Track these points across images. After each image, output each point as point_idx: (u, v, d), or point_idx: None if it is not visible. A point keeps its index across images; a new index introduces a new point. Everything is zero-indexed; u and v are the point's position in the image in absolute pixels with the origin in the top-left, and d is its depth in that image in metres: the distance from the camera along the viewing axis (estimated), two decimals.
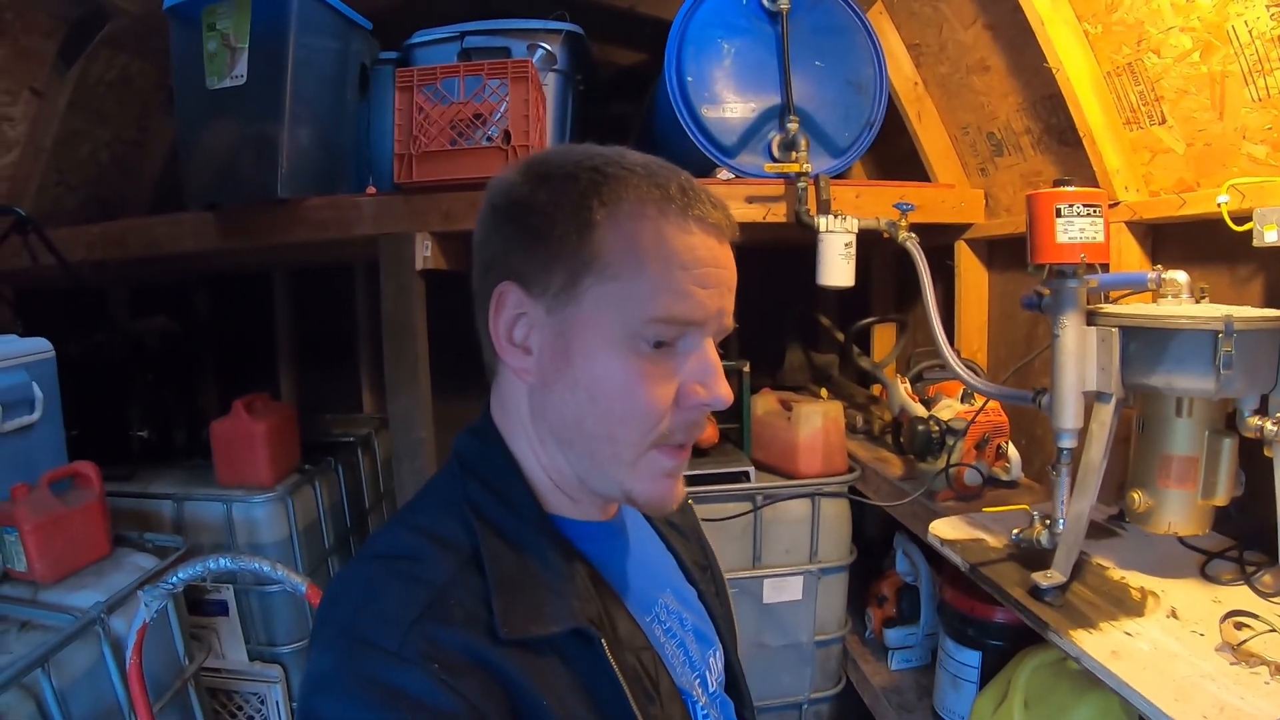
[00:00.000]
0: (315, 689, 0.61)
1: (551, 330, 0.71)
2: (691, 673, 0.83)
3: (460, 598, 0.65)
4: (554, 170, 0.73)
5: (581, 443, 0.73)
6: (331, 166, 2.16)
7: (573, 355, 0.70)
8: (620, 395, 0.70)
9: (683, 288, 0.69)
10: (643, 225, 0.69)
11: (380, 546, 0.74)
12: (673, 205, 0.70)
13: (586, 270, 0.69)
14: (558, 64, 2.32)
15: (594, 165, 0.72)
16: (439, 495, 0.78)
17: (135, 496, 2.15)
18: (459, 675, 0.60)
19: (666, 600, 0.85)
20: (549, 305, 0.71)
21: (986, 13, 1.93)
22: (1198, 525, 1.44)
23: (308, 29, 1.97)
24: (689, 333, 0.71)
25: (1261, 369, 1.32)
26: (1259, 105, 1.43)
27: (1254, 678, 1.13)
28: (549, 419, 0.74)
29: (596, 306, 0.69)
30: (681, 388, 0.72)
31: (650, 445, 0.72)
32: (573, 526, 0.78)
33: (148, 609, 1.51)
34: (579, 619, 0.68)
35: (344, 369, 3.24)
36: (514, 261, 0.72)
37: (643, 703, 0.69)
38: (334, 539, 2.46)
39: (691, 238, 0.70)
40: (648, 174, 0.71)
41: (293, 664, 2.21)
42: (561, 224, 0.70)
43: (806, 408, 2.24)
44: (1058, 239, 1.39)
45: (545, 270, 0.70)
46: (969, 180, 2.32)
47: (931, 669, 2.16)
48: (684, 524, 1.00)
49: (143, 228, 2.14)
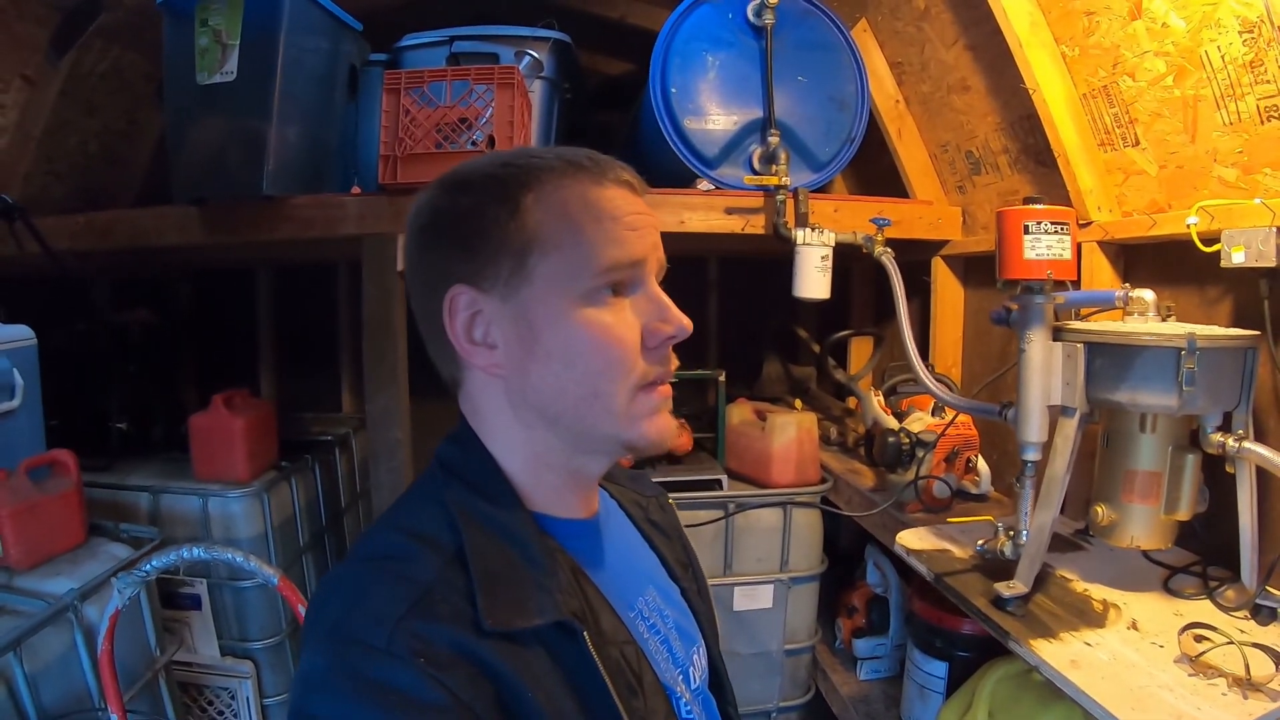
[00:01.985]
0: (306, 688, 0.63)
1: (511, 316, 0.74)
2: (675, 669, 0.84)
3: (445, 594, 0.66)
4: (470, 177, 0.78)
5: (569, 412, 0.75)
6: (317, 166, 2.18)
7: (539, 331, 0.73)
8: (595, 350, 0.73)
9: (618, 234, 0.74)
10: (568, 196, 0.74)
11: (367, 548, 0.75)
12: (587, 173, 0.76)
13: (529, 250, 0.73)
14: (544, 71, 2.35)
15: (506, 161, 0.77)
16: (422, 497, 0.79)
17: (112, 488, 2.15)
18: (445, 669, 0.61)
19: (649, 597, 0.86)
20: (502, 294, 0.74)
21: (968, 34, 1.97)
22: (1160, 540, 1.47)
23: (299, 28, 1.99)
24: (634, 277, 0.76)
25: (1225, 387, 1.35)
26: (1230, 129, 1.47)
27: (1211, 689, 1.16)
28: (531, 401, 0.76)
29: (548, 279, 0.73)
30: (645, 328, 0.76)
31: (634, 389, 0.75)
32: (555, 524, 0.79)
33: (120, 595, 1.52)
34: (562, 612, 0.68)
35: (325, 369, 3.24)
36: (456, 268, 0.75)
37: (625, 696, 0.70)
38: (309, 536, 2.47)
39: (611, 193, 0.76)
40: (557, 156, 0.77)
41: (264, 660, 2.21)
42: (494, 218, 0.74)
43: (781, 418, 2.27)
44: (1025, 255, 1.43)
45: (490, 264, 0.74)
46: (947, 198, 2.36)
47: (900, 680, 2.19)
48: (665, 523, 1.01)
49: (128, 219, 2.15)
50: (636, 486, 1.02)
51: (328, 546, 2.60)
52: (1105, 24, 1.63)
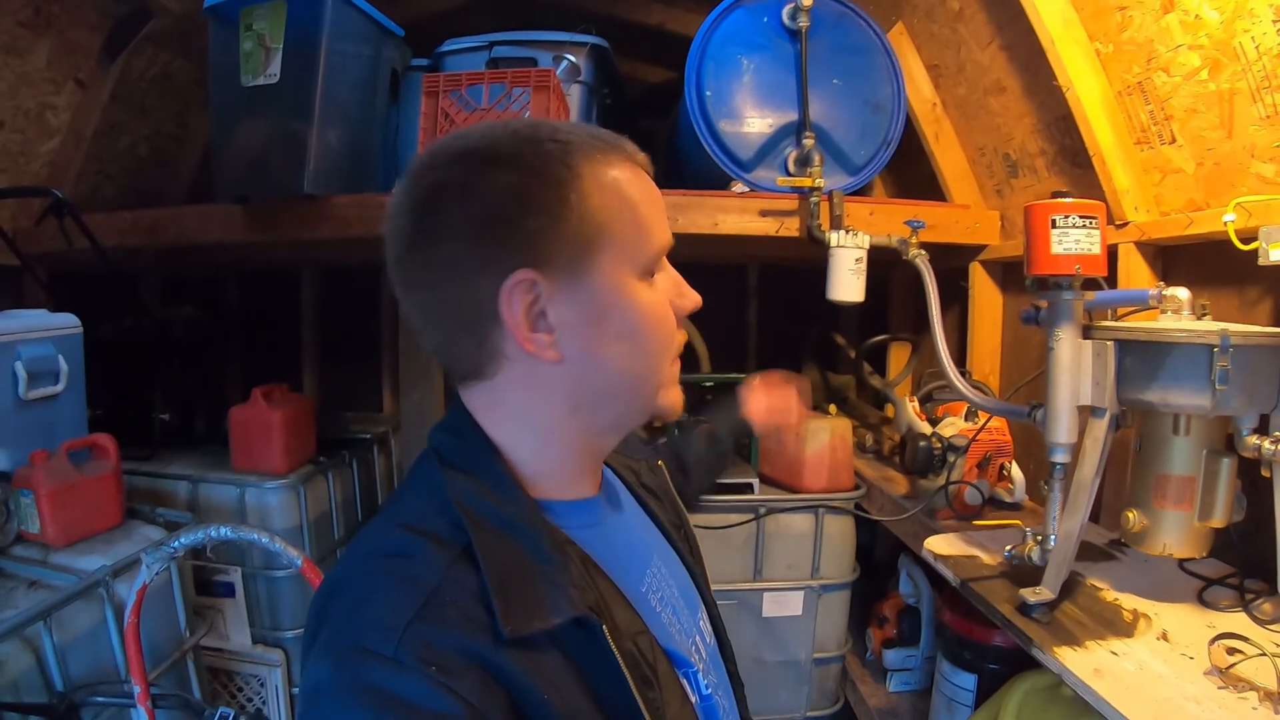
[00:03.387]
0: (314, 699, 0.61)
1: (578, 300, 0.71)
2: (687, 639, 0.83)
3: (453, 595, 0.63)
4: (501, 152, 0.72)
5: (626, 388, 0.76)
6: (359, 167, 2.23)
7: (607, 312, 0.73)
8: (656, 325, 0.76)
9: (659, 216, 0.77)
10: (617, 176, 0.74)
11: (368, 546, 0.73)
12: (619, 152, 0.76)
13: (598, 232, 0.71)
14: (582, 75, 2.37)
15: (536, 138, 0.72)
16: (422, 491, 0.76)
17: (153, 475, 2.23)
18: (457, 676, 0.59)
19: (656, 568, 0.85)
20: (567, 278, 0.71)
21: (1002, 34, 1.95)
22: (1194, 548, 1.41)
23: (341, 33, 2.05)
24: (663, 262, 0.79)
25: (1261, 387, 1.30)
26: (1266, 122, 1.43)
27: (1241, 702, 1.11)
28: (592, 383, 0.74)
29: (614, 260, 0.73)
30: (674, 303, 0.79)
31: (674, 359, 0.79)
32: (564, 509, 0.77)
33: (148, 570, 1.56)
34: (579, 607, 0.66)
35: (367, 369, 3.30)
36: (508, 252, 0.70)
37: (642, 688, 0.68)
38: (344, 531, 2.51)
39: (646, 180, 0.78)
40: (588, 133, 0.76)
41: (295, 649, 2.25)
42: (556, 198, 0.70)
43: (815, 423, 2.24)
44: (1052, 250, 1.40)
45: (550, 247, 0.70)
46: (985, 202, 2.32)
47: (929, 693, 2.13)
48: (657, 485, 1.00)
49: (173, 217, 2.23)
50: (626, 450, 0.98)
51: None
52: (1138, 18, 1.60)
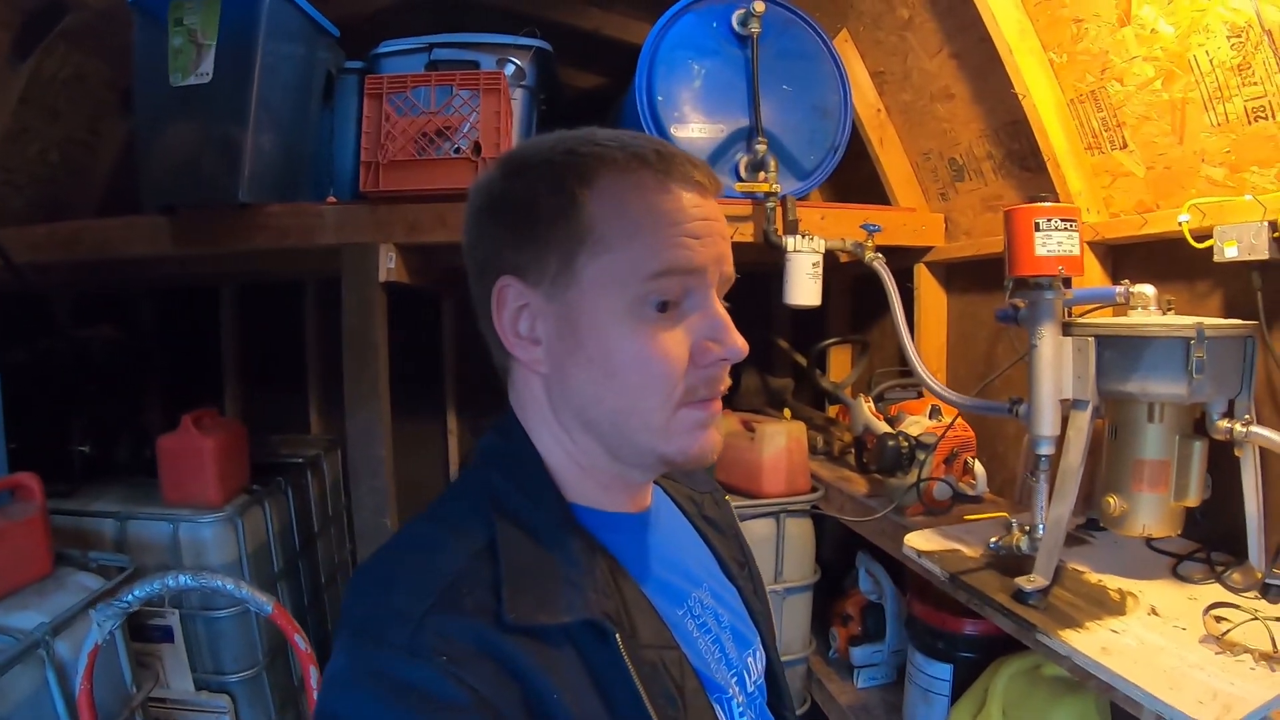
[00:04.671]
0: (330, 687, 0.62)
1: (556, 315, 0.71)
2: (728, 670, 0.80)
3: (471, 586, 0.64)
4: (528, 160, 0.74)
5: (606, 420, 0.72)
6: (293, 173, 2.12)
7: (582, 335, 0.70)
8: (635, 365, 0.69)
9: (675, 241, 0.70)
10: (626, 194, 0.70)
11: (400, 539, 0.73)
12: (651, 170, 0.71)
13: (579, 248, 0.69)
14: (526, 80, 2.32)
15: (568, 148, 0.72)
16: (463, 489, 0.77)
17: (76, 514, 2.03)
18: (467, 666, 0.59)
19: (701, 596, 0.83)
20: (548, 291, 0.71)
21: (952, 42, 2.01)
22: (1170, 527, 1.50)
23: (277, 31, 1.93)
24: (692, 289, 0.71)
25: (1229, 374, 1.40)
26: (1218, 130, 1.52)
27: (1239, 664, 1.17)
28: (569, 403, 0.73)
29: (596, 281, 0.69)
30: (695, 345, 0.71)
31: (676, 406, 0.71)
32: (597, 517, 0.76)
33: (100, 629, 1.41)
34: (593, 611, 0.66)
35: (290, 389, 3.14)
36: (506, 256, 0.73)
37: (661, 704, 0.67)
38: (283, 563, 2.36)
39: (674, 196, 0.71)
40: (620, 145, 0.72)
41: (241, 693, 2.09)
42: (546, 209, 0.70)
43: (770, 428, 2.26)
44: (1036, 252, 1.45)
45: (538, 257, 0.71)
46: (929, 205, 2.40)
47: (897, 686, 2.18)
48: (721, 519, 0.98)
49: (94, 229, 2.04)
50: (690, 482, 0.99)
51: (301, 573, 2.49)
52: (1094, 31, 1.67)
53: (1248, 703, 1.07)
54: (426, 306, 3.13)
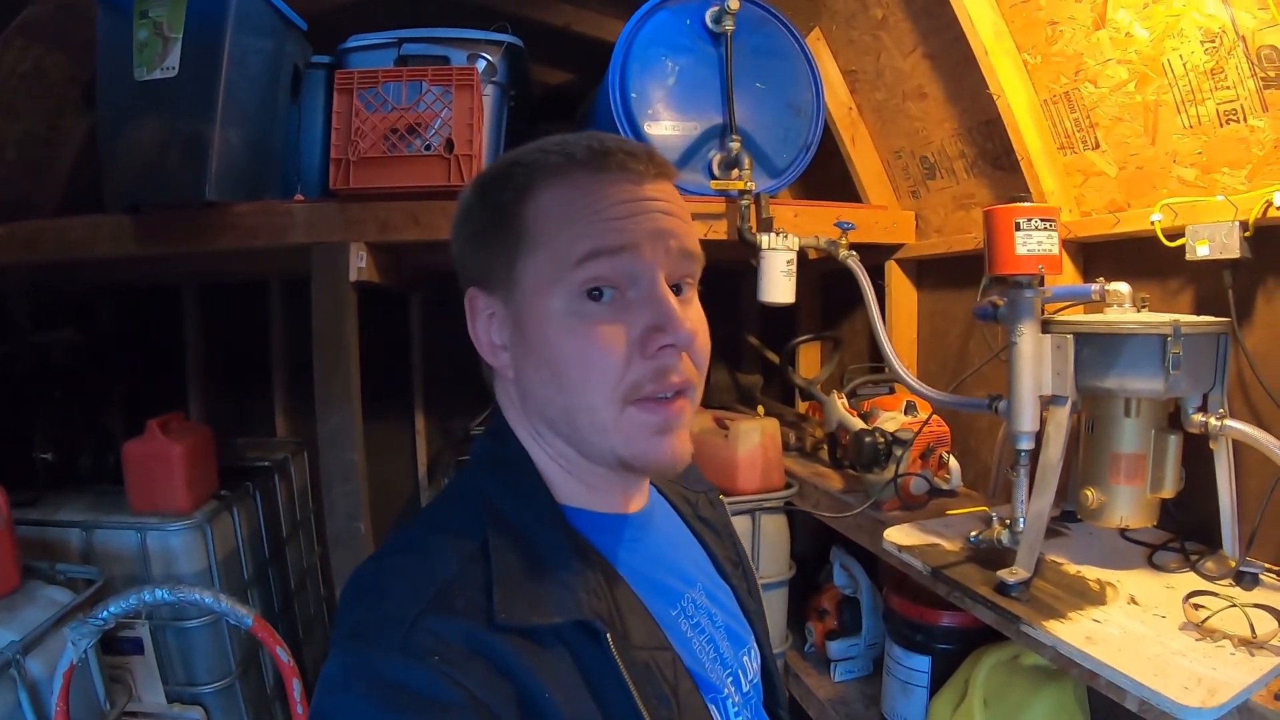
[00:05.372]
0: (324, 690, 0.63)
1: (509, 319, 0.74)
2: (723, 670, 0.81)
3: (464, 588, 0.65)
4: (487, 173, 0.79)
5: (562, 419, 0.73)
6: (261, 171, 2.06)
7: (528, 335, 0.72)
8: (574, 358, 0.70)
9: (600, 226, 0.70)
10: (554, 194, 0.72)
11: (395, 543, 0.75)
12: (582, 166, 0.72)
13: (515, 252, 0.72)
14: (497, 76, 2.29)
15: (515, 159, 0.75)
16: (455, 493, 0.79)
17: (40, 524, 1.95)
18: (460, 667, 0.60)
19: (695, 596, 0.83)
20: (503, 297, 0.74)
21: (927, 42, 2.03)
22: (1146, 518, 1.54)
23: (245, 23, 1.88)
24: (633, 274, 0.70)
25: (1203, 370, 1.44)
26: (1190, 132, 1.56)
27: (1220, 650, 1.21)
28: (532, 405, 0.76)
29: (533, 280, 0.71)
30: (639, 334, 0.70)
31: (622, 402, 0.70)
32: (588, 518, 0.77)
33: (75, 648, 1.36)
34: (585, 612, 0.67)
35: (255, 391, 3.05)
36: (471, 268, 0.77)
37: (654, 705, 0.67)
38: (253, 570, 2.30)
39: (605, 187, 0.71)
40: (559, 147, 0.73)
41: (214, 704, 2.04)
42: (492, 219, 0.74)
43: (744, 425, 2.26)
44: (1017, 251, 1.47)
45: (489, 266, 0.74)
46: (900, 202, 2.42)
47: (875, 678, 2.21)
48: (715, 520, 0.99)
49: (56, 230, 1.96)
50: (684, 481, 0.99)
51: (272, 580, 2.43)
52: (1069, 33, 1.70)
53: (1231, 686, 1.10)
54: (394, 305, 3.08)
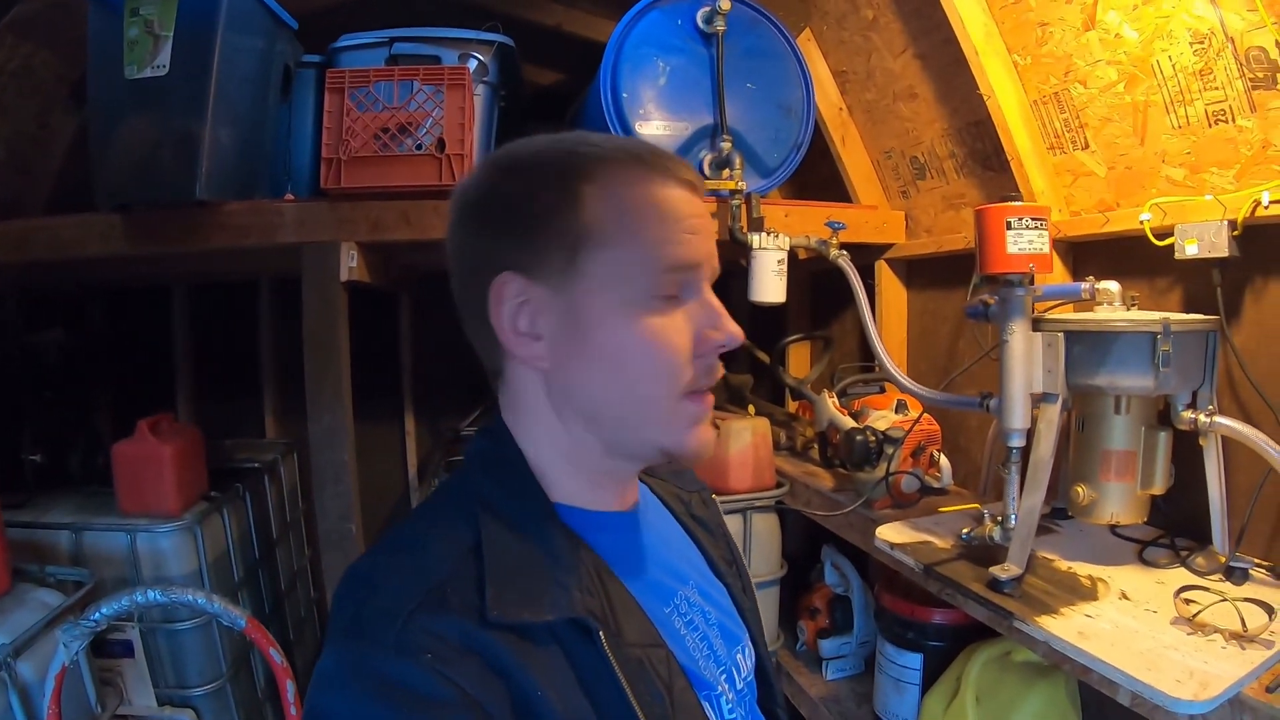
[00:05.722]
0: (317, 686, 0.63)
1: (560, 310, 0.72)
2: (717, 667, 0.81)
3: (458, 586, 0.65)
4: (525, 160, 0.76)
5: (610, 414, 0.74)
6: (251, 170, 2.05)
7: (588, 328, 0.72)
8: (645, 356, 0.72)
9: (678, 237, 0.73)
10: (628, 191, 0.72)
11: (389, 541, 0.74)
12: (648, 169, 0.74)
13: (583, 244, 0.71)
14: (488, 76, 2.29)
15: (567, 149, 0.75)
16: (450, 491, 0.79)
17: (29, 526, 1.93)
18: (453, 663, 0.60)
19: (689, 594, 0.84)
20: (554, 286, 0.72)
21: (917, 43, 2.04)
22: (1137, 514, 1.55)
23: (236, 22, 1.87)
24: (690, 280, 0.74)
25: (1192, 367, 1.46)
26: (1179, 132, 1.57)
27: (1211, 644, 1.22)
28: (573, 399, 0.75)
29: (602, 276, 0.71)
30: (696, 335, 0.74)
31: (680, 397, 0.73)
32: (583, 516, 0.77)
33: (67, 650, 1.35)
34: (578, 609, 0.67)
35: (244, 391, 3.03)
36: (506, 253, 0.74)
37: (647, 702, 0.68)
38: (244, 572, 2.29)
39: (672, 193, 0.74)
40: (617, 147, 0.75)
41: (206, 707, 2.03)
42: (549, 205, 0.72)
43: (736, 424, 2.27)
44: (1008, 250, 1.48)
45: (541, 253, 0.72)
46: (890, 202, 2.44)
47: (866, 676, 2.22)
48: (708, 518, 0.99)
49: (47, 229, 1.95)
50: (678, 481, 1.00)
51: (262, 581, 2.42)
52: (1059, 35, 1.72)
53: (1222, 679, 1.11)
54: (383, 305, 3.06)
